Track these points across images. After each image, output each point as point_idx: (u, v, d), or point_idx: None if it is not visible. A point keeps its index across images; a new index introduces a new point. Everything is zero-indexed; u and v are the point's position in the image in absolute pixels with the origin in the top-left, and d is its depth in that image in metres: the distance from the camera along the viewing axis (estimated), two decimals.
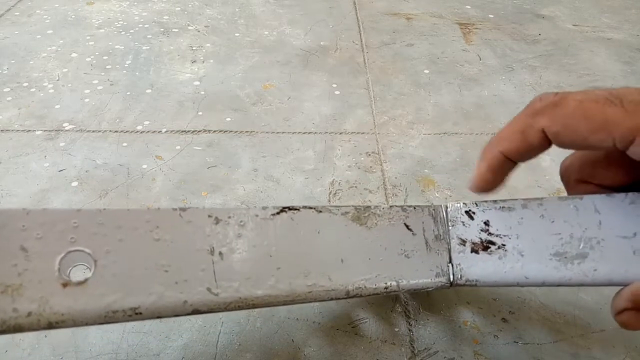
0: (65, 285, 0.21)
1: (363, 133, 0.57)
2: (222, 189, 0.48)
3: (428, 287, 0.28)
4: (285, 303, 0.24)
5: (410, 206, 0.28)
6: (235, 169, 0.51)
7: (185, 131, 0.56)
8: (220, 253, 0.24)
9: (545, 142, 0.23)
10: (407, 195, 0.48)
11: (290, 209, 0.25)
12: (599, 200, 0.24)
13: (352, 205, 0.27)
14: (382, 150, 0.54)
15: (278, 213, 0.25)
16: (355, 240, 0.26)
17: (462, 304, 0.38)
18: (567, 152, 0.26)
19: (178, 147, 0.53)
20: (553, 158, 0.53)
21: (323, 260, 0.25)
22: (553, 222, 0.25)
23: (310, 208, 0.26)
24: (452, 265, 0.27)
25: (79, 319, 0.20)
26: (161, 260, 0.22)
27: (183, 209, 0.23)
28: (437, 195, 0.48)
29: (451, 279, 0.27)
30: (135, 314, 0.21)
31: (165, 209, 0.23)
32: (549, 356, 0.34)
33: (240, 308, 0.24)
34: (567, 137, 0.22)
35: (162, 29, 0.77)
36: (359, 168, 0.51)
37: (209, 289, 0.23)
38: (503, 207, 0.26)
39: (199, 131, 0.56)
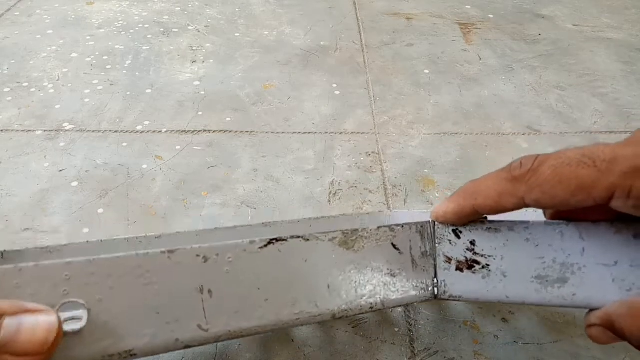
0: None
1: (363, 133, 0.57)
2: (222, 189, 0.48)
3: (413, 302, 0.29)
4: (272, 330, 0.26)
5: (398, 225, 0.29)
6: (235, 169, 0.51)
7: (185, 131, 0.56)
8: (209, 291, 0.24)
9: (519, 207, 0.24)
10: (407, 195, 0.48)
11: (277, 240, 0.26)
12: (584, 228, 0.25)
13: (340, 230, 0.27)
14: (382, 150, 0.54)
15: (266, 246, 0.26)
16: (341, 266, 0.27)
17: (462, 304, 0.38)
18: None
19: (178, 147, 0.53)
20: None
21: (310, 288, 0.26)
22: (537, 246, 0.26)
23: (298, 237, 0.27)
24: (437, 281, 0.29)
25: None
26: (152, 302, 0.23)
27: (171, 251, 0.24)
28: (437, 195, 0.48)
29: (435, 294, 0.29)
30: (130, 356, 0.23)
31: (153, 252, 0.24)
32: (549, 356, 0.34)
33: (229, 339, 0.25)
34: (547, 203, 0.23)
35: (162, 29, 0.77)
36: (359, 168, 0.52)
37: (199, 326, 0.24)
38: (490, 228, 0.27)
39: (199, 131, 0.56)
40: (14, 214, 0.45)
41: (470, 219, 0.27)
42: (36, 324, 0.19)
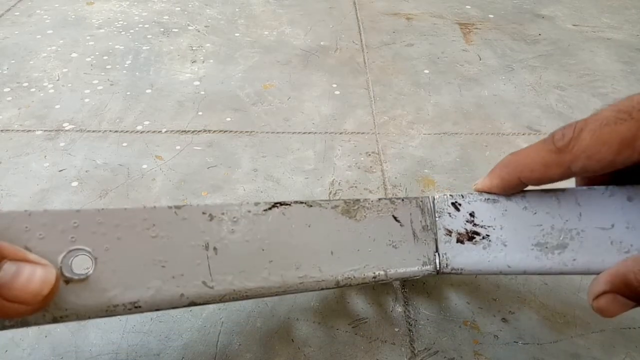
0: (67, 282, 0.22)
1: (363, 133, 0.57)
2: (222, 189, 0.48)
3: (415, 276, 0.29)
4: (277, 294, 0.26)
5: (398, 198, 0.29)
6: (235, 169, 0.51)
7: (185, 131, 0.56)
8: (214, 248, 0.25)
9: (566, 176, 0.24)
10: (407, 195, 0.48)
11: (281, 204, 0.26)
12: (580, 193, 0.25)
13: (342, 199, 0.28)
14: (382, 150, 0.54)
15: (270, 208, 0.26)
16: (344, 233, 0.27)
17: (462, 303, 0.38)
18: None
19: (178, 147, 0.53)
20: None
21: (314, 253, 0.27)
22: (535, 213, 0.26)
23: (301, 203, 0.27)
24: (439, 254, 0.29)
25: (81, 313, 0.22)
26: (158, 256, 0.23)
27: (178, 207, 0.24)
28: (437, 195, 0.48)
29: (437, 268, 0.29)
30: (134, 307, 0.23)
31: (161, 207, 0.24)
32: (549, 356, 0.34)
33: (234, 299, 0.25)
34: (595, 167, 0.23)
35: (162, 29, 0.77)
36: (359, 168, 0.52)
37: (204, 283, 0.24)
38: (488, 199, 0.28)
39: (199, 131, 0.56)
40: None
41: (514, 190, 0.27)
42: (33, 273, 0.20)
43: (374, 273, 0.27)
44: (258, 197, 0.47)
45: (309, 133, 0.56)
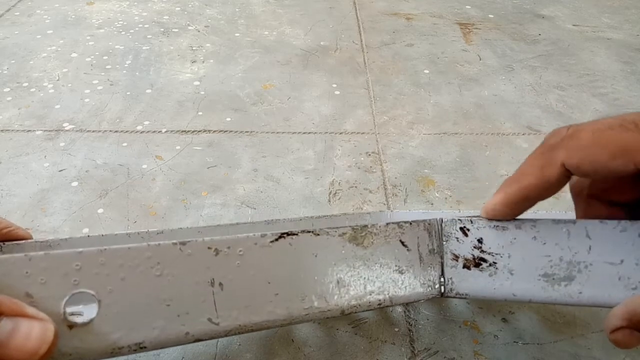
0: (71, 327, 0.21)
1: (363, 133, 0.57)
2: (222, 189, 0.48)
3: (420, 299, 0.29)
4: (282, 325, 0.25)
5: (406, 222, 0.29)
6: (235, 169, 0.51)
7: (185, 131, 0.56)
8: (220, 284, 0.24)
9: (564, 177, 0.23)
10: (407, 195, 0.48)
11: (288, 234, 0.26)
12: (591, 225, 0.25)
13: (350, 226, 0.27)
14: (382, 150, 0.54)
15: (277, 239, 0.26)
16: (351, 261, 0.27)
17: (462, 304, 0.38)
18: None
19: (178, 147, 0.53)
20: None
21: (320, 283, 0.26)
22: (545, 244, 0.26)
23: (309, 232, 0.26)
24: (444, 278, 0.29)
25: (85, 357, 0.22)
26: (163, 294, 0.23)
27: (183, 243, 0.24)
28: (437, 195, 0.48)
29: (442, 291, 0.29)
30: (140, 348, 0.23)
31: (165, 243, 0.24)
32: (549, 356, 0.34)
33: (239, 334, 0.25)
34: (588, 167, 0.22)
35: (162, 29, 0.77)
36: (359, 168, 0.52)
37: (209, 319, 0.24)
38: (497, 226, 0.27)
39: (199, 131, 0.56)
40: (14, 214, 0.45)
41: (520, 206, 0.26)
42: (30, 331, 0.19)
43: (379, 300, 0.27)
44: (258, 197, 0.47)
45: (309, 133, 0.56)
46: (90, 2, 0.85)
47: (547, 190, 0.24)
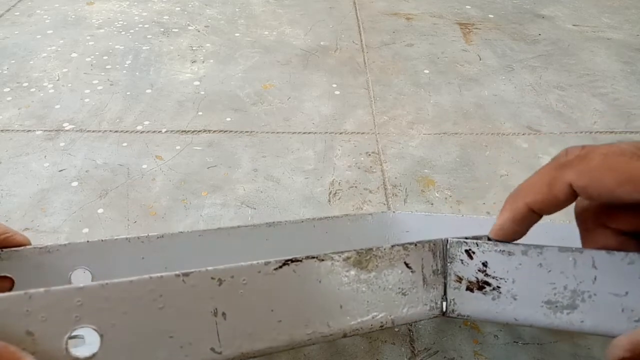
0: None
1: (363, 133, 0.57)
2: (222, 189, 0.48)
3: (421, 319, 0.29)
4: (284, 350, 0.26)
5: (411, 244, 0.29)
6: (235, 169, 0.51)
7: (185, 131, 0.56)
8: (223, 313, 0.24)
9: (571, 196, 0.23)
10: (407, 195, 0.48)
11: (292, 261, 0.26)
12: (598, 256, 0.25)
13: (354, 250, 0.27)
14: (382, 150, 0.54)
15: (281, 267, 0.26)
16: (355, 285, 0.27)
17: None
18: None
19: (178, 147, 0.53)
20: None
21: (323, 308, 0.26)
22: (550, 271, 0.26)
23: (313, 258, 0.26)
24: (446, 299, 0.29)
25: None
26: (166, 326, 0.23)
27: (186, 274, 0.24)
28: (437, 195, 0.48)
29: (444, 311, 0.29)
30: None
31: (168, 275, 0.23)
32: (549, 356, 0.34)
33: None
34: (594, 190, 0.22)
35: (162, 29, 0.77)
36: (358, 168, 0.51)
37: (212, 349, 0.24)
38: (503, 251, 0.27)
39: (199, 131, 0.56)
40: (14, 214, 0.45)
41: (527, 222, 0.25)
42: None
43: (381, 322, 0.27)
44: (258, 197, 0.47)
45: (309, 133, 0.56)
46: (90, 2, 0.85)
47: (553, 206, 0.24)
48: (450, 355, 0.34)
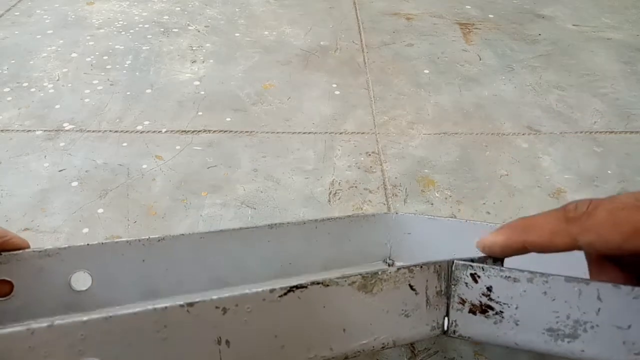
0: None
1: (363, 133, 0.57)
2: (222, 189, 0.48)
3: (423, 339, 0.29)
4: None
5: (416, 265, 0.28)
6: (235, 169, 0.51)
7: (185, 131, 0.56)
8: (227, 341, 0.24)
9: (571, 248, 0.24)
10: (407, 195, 0.48)
11: (298, 287, 0.26)
12: (604, 288, 0.25)
13: (359, 274, 0.27)
14: (382, 150, 0.54)
15: (286, 294, 0.26)
16: (359, 309, 0.27)
17: None
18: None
19: (178, 147, 0.53)
20: (553, 158, 0.53)
21: (326, 333, 0.26)
22: (554, 300, 0.26)
23: (318, 284, 0.26)
24: (449, 320, 0.29)
25: None
26: (169, 357, 0.23)
27: (190, 304, 0.24)
28: (437, 195, 0.48)
29: (445, 330, 0.29)
30: None
31: (172, 306, 0.23)
32: (549, 356, 0.34)
33: None
34: (601, 246, 0.23)
35: (162, 29, 0.77)
36: (359, 168, 0.51)
37: None
38: (509, 276, 0.27)
39: (199, 131, 0.56)
40: (14, 214, 0.45)
41: (516, 254, 0.27)
42: None
43: (383, 343, 0.27)
44: (258, 198, 0.47)
45: (309, 133, 0.56)
46: (90, 2, 0.85)
47: (549, 252, 0.25)
48: (450, 355, 0.34)
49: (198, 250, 0.34)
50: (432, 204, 0.47)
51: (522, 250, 0.26)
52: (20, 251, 0.29)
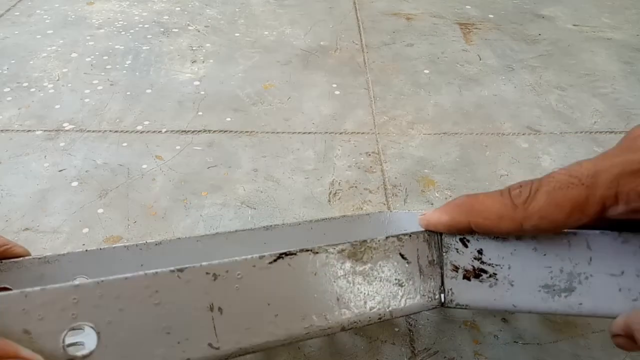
0: None
1: (363, 133, 0.57)
2: (222, 189, 0.48)
3: (420, 310, 0.29)
4: (283, 345, 0.25)
5: (405, 234, 0.29)
6: (235, 169, 0.51)
7: (185, 131, 0.56)
8: (219, 308, 0.24)
9: (516, 232, 0.25)
10: (407, 195, 0.48)
11: (287, 254, 0.26)
12: (592, 237, 0.25)
13: (349, 242, 0.27)
14: (382, 150, 0.54)
15: (275, 260, 0.26)
16: (351, 277, 0.27)
17: None
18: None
19: (178, 147, 0.53)
20: (554, 158, 0.53)
21: (319, 301, 0.26)
22: (545, 255, 0.26)
23: (307, 251, 0.26)
24: (444, 289, 0.29)
25: None
26: (162, 323, 0.23)
27: (181, 270, 0.24)
28: (437, 195, 0.48)
29: (442, 302, 0.29)
30: None
31: (163, 271, 0.23)
32: (549, 356, 0.34)
33: (240, 355, 0.25)
34: (547, 227, 0.24)
35: (162, 29, 0.77)
36: (359, 168, 0.51)
37: (210, 344, 0.24)
38: (497, 237, 0.27)
39: (199, 131, 0.56)
40: (14, 214, 0.45)
41: (460, 233, 0.27)
42: None
43: (379, 314, 0.27)
44: (258, 198, 0.47)
45: (309, 133, 0.56)
46: (90, 2, 0.85)
47: (495, 234, 0.26)
48: (450, 355, 0.34)
49: (195, 254, 0.34)
50: (432, 204, 0.47)
51: (467, 230, 0.27)
52: (21, 259, 0.29)
